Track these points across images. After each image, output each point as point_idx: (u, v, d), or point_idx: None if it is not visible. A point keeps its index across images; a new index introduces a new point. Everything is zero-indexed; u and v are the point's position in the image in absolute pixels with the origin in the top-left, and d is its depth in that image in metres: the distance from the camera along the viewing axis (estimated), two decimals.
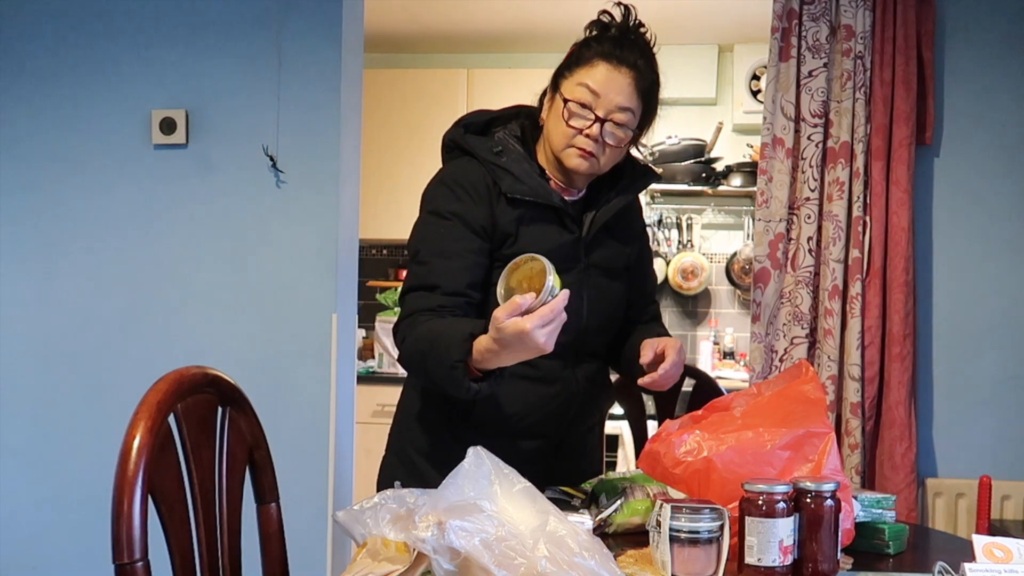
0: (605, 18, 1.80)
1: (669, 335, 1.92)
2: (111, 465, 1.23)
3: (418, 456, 1.87)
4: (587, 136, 1.75)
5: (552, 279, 1.47)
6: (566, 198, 1.85)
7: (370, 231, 4.50)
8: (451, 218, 1.77)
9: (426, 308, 1.71)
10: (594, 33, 1.80)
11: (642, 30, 1.80)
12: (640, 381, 1.77)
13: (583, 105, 1.74)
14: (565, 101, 1.75)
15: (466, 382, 1.57)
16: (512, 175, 1.79)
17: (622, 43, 1.77)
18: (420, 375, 1.75)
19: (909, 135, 2.85)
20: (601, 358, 1.95)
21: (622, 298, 1.94)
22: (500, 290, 1.52)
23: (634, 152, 1.92)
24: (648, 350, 1.77)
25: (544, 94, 1.86)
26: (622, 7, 1.80)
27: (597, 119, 1.74)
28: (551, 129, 1.80)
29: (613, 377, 2.11)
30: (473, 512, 1.20)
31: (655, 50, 1.81)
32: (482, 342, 1.55)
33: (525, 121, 1.89)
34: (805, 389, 1.59)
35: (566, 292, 1.49)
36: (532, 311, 1.47)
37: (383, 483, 1.91)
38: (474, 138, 1.86)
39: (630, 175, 1.90)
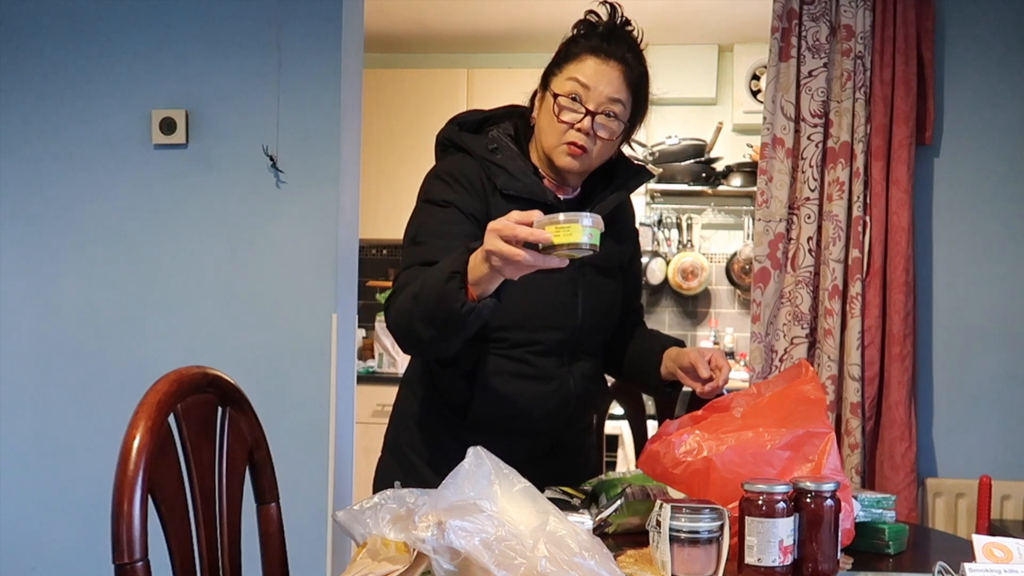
0: (592, 17, 1.81)
1: (681, 342, 1.93)
2: (111, 465, 1.23)
3: (415, 456, 1.87)
4: (578, 130, 1.75)
5: (586, 228, 1.40)
6: (560, 196, 1.85)
7: (370, 231, 4.50)
8: (446, 205, 1.78)
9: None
10: (582, 31, 1.81)
11: (628, 28, 1.80)
12: (702, 392, 1.77)
13: (573, 99, 1.75)
14: (555, 96, 1.75)
15: (462, 295, 1.50)
16: (507, 172, 1.79)
17: (609, 38, 1.78)
18: (413, 325, 1.63)
19: (909, 135, 2.85)
20: (596, 356, 1.95)
21: (617, 296, 1.95)
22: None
23: (629, 151, 1.93)
24: (702, 366, 1.75)
25: (535, 94, 1.87)
26: (608, 5, 1.81)
27: (588, 112, 1.75)
28: (543, 126, 1.80)
29: (611, 379, 2.11)
30: (473, 512, 1.20)
31: (642, 46, 1.82)
32: (476, 253, 1.51)
33: (518, 120, 1.90)
34: (805, 389, 1.59)
35: (546, 257, 1.43)
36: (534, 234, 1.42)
37: (380, 483, 1.91)
38: (469, 136, 1.86)
39: (624, 174, 1.90)
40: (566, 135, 1.76)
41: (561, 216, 1.41)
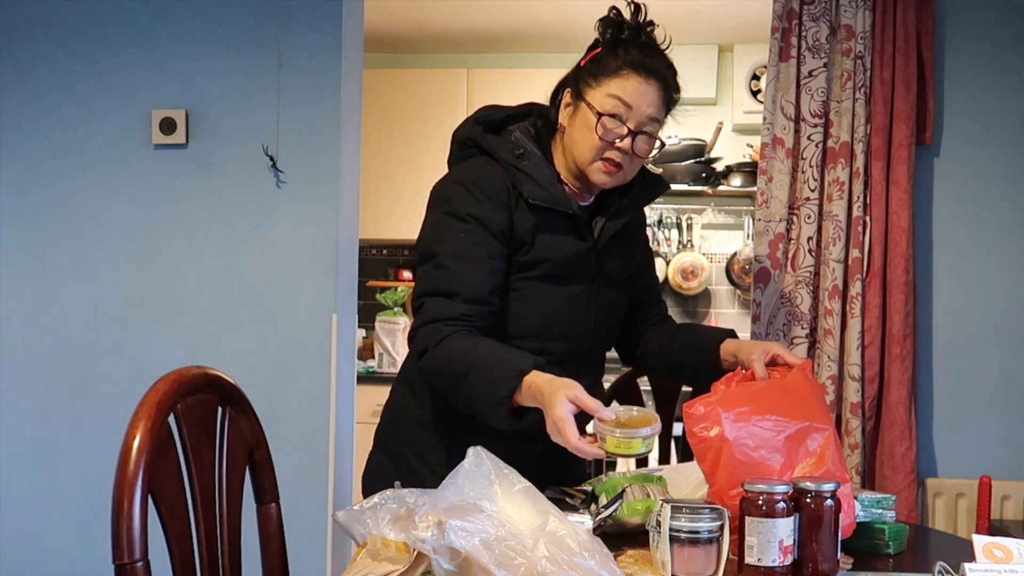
0: (614, 14, 1.79)
1: (732, 332, 1.91)
2: (111, 465, 1.23)
3: (413, 456, 1.86)
4: (618, 149, 1.74)
5: (645, 440, 1.48)
6: (580, 204, 1.84)
7: (370, 231, 4.50)
8: (470, 221, 1.73)
9: (449, 317, 1.68)
10: (609, 34, 1.79)
11: (651, 28, 1.79)
12: None
13: (615, 117, 1.73)
14: (599, 116, 1.72)
15: (508, 419, 1.57)
16: (534, 180, 1.76)
17: (649, 51, 1.75)
18: (445, 392, 1.71)
19: (909, 135, 2.84)
20: (600, 365, 1.95)
21: (624, 307, 1.95)
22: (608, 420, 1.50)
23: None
24: (759, 367, 1.72)
25: (556, 96, 1.84)
26: (632, 5, 1.79)
27: (630, 132, 1.73)
28: (577, 140, 1.77)
29: (610, 378, 2.12)
30: (473, 512, 1.20)
31: (667, 48, 1.80)
32: (530, 386, 1.55)
33: (539, 120, 1.86)
34: (805, 381, 1.62)
35: (600, 452, 1.48)
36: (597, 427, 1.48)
37: (372, 479, 1.91)
38: (493, 138, 1.82)
39: (640, 184, 1.88)
40: (605, 153, 1.74)
41: (618, 432, 1.46)
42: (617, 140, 1.73)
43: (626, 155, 1.75)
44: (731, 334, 1.89)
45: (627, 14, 1.79)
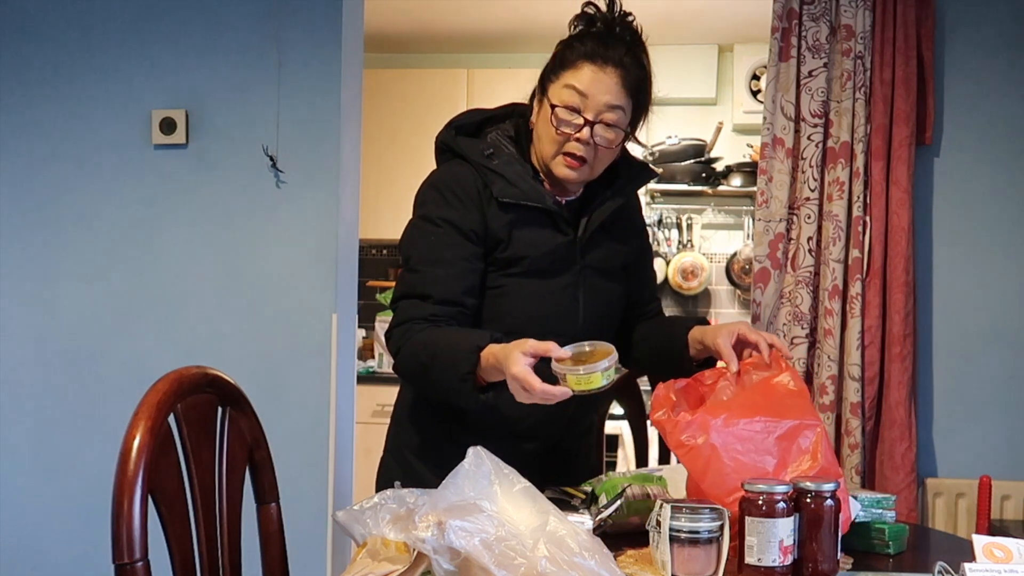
0: (590, 9, 1.78)
1: (704, 320, 1.90)
2: (111, 465, 1.23)
3: (413, 457, 1.87)
4: (577, 140, 1.73)
5: (604, 372, 1.52)
6: (561, 200, 1.84)
7: (370, 231, 4.50)
8: (442, 224, 1.75)
9: (419, 317, 1.71)
10: (579, 28, 1.79)
11: (628, 19, 1.77)
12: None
13: (571, 109, 1.72)
14: (553, 107, 1.73)
15: (475, 394, 1.60)
16: (504, 178, 1.77)
17: (606, 40, 1.74)
18: (420, 385, 1.78)
19: (909, 135, 2.84)
20: None
21: (619, 298, 1.93)
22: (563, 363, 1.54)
23: (630, 148, 1.91)
24: (725, 352, 1.70)
25: (533, 96, 1.84)
26: None
27: (587, 122, 1.72)
28: (540, 135, 1.78)
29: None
30: (473, 512, 1.20)
31: (644, 39, 1.79)
32: (488, 358, 1.58)
33: (519, 120, 1.86)
34: (785, 380, 1.60)
35: (566, 391, 1.52)
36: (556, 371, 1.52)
37: (381, 484, 1.91)
38: (465, 140, 1.83)
39: (626, 174, 1.88)
40: (564, 146, 1.74)
41: (581, 369, 1.51)
42: (575, 131, 1.73)
43: (587, 146, 1.73)
44: (702, 322, 1.87)
45: (603, 6, 1.78)
